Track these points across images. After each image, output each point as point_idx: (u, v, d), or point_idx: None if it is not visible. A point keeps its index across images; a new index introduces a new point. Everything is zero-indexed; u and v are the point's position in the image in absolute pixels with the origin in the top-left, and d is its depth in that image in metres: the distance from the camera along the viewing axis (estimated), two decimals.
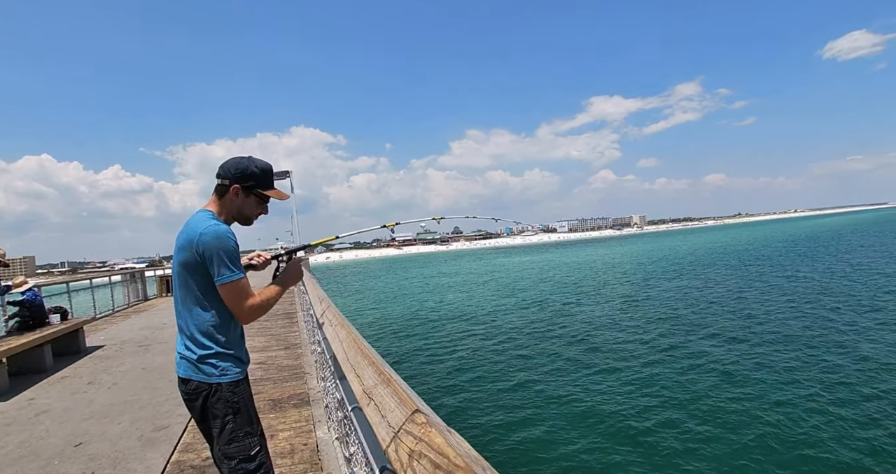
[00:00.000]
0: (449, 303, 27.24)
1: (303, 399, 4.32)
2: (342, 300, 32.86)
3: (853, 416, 8.32)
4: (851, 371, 10.48)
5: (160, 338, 7.84)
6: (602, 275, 36.71)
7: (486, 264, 65.54)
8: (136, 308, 12.67)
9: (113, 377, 5.48)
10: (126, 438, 3.61)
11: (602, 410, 9.47)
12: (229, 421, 1.79)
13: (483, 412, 9.98)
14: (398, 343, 17.48)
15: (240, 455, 1.78)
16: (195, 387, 1.80)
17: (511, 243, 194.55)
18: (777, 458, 7.28)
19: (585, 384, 11.10)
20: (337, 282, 53.22)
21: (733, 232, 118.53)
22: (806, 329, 14.48)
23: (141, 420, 4.00)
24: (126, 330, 8.95)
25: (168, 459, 3.21)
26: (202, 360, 1.79)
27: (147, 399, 4.59)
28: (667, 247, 71.04)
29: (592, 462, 7.60)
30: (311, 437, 3.42)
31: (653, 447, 7.92)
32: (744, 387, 10.02)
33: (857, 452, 7.25)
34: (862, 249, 39.63)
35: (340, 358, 1.95)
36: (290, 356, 6.04)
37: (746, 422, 8.44)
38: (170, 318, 10.16)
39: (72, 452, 3.38)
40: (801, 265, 31.93)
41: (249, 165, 1.87)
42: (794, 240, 59.15)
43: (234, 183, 1.85)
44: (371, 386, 1.29)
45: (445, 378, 12.54)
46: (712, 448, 7.71)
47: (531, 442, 8.45)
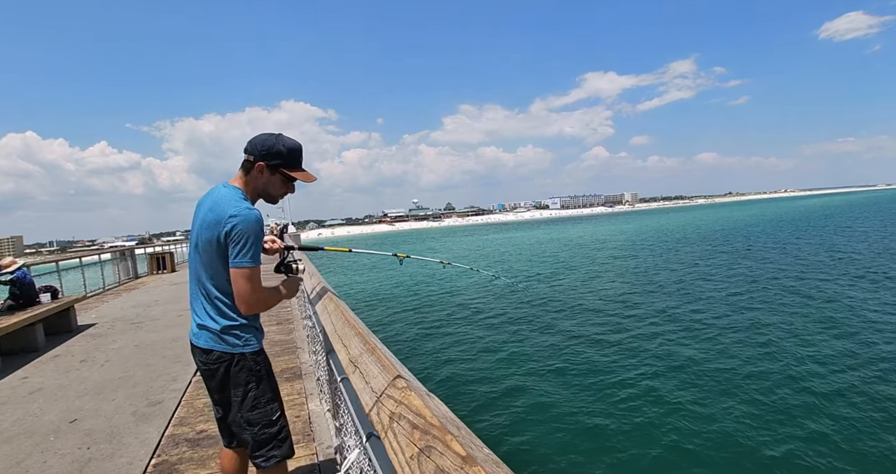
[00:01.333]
0: (439, 278, 27.42)
1: (295, 372, 4.39)
2: (333, 276, 32.94)
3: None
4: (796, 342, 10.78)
5: (152, 316, 7.86)
6: (591, 253, 37.00)
7: (477, 240, 65.68)
8: (126, 286, 12.67)
9: (105, 354, 5.52)
10: (120, 414, 3.66)
11: (582, 379, 9.68)
12: (252, 388, 1.86)
13: (468, 380, 10.20)
14: (384, 316, 17.66)
15: (263, 420, 1.86)
16: (217, 358, 1.83)
17: (503, 219, 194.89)
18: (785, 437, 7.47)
19: (569, 355, 11.32)
20: (328, 257, 53.17)
21: (724, 210, 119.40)
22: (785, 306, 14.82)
23: (135, 396, 4.05)
24: (117, 308, 8.96)
25: (163, 433, 3.27)
26: (226, 331, 1.82)
27: (140, 375, 4.64)
28: (657, 225, 71.44)
29: (570, 427, 7.80)
30: (304, 410, 3.49)
31: (632, 411, 8.16)
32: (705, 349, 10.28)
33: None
34: (849, 230, 40.05)
35: (329, 331, 2.00)
36: (283, 331, 6.11)
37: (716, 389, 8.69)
38: (161, 295, 10.18)
39: (67, 428, 3.43)
40: (785, 244, 32.32)
41: (276, 143, 1.84)
42: (783, 220, 59.68)
43: (260, 160, 1.83)
44: (356, 355, 1.33)
45: (432, 348, 12.74)
46: (702, 414, 7.95)
47: (513, 408, 8.68)
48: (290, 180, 1.92)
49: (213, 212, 1.75)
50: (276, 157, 1.83)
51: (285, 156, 1.85)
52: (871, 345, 10.43)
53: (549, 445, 7.45)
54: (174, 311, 8.07)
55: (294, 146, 1.88)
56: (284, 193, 1.96)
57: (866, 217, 54.59)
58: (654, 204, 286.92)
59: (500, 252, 43.78)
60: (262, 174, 1.85)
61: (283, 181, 1.91)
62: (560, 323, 14.49)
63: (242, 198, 1.81)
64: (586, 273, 25.25)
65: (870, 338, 10.90)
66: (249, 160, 1.84)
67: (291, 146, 1.87)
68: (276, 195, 1.93)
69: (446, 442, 0.73)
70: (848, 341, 10.85)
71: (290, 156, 1.87)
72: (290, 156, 1.87)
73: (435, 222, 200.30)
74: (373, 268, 36.47)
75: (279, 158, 1.84)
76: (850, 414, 7.60)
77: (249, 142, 1.86)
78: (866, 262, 21.19)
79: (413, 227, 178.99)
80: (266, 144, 1.83)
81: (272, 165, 1.84)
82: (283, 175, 1.88)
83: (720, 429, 7.48)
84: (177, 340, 5.97)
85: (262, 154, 1.82)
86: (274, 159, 1.83)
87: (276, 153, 1.83)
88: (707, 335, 12.13)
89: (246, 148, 1.86)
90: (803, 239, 34.11)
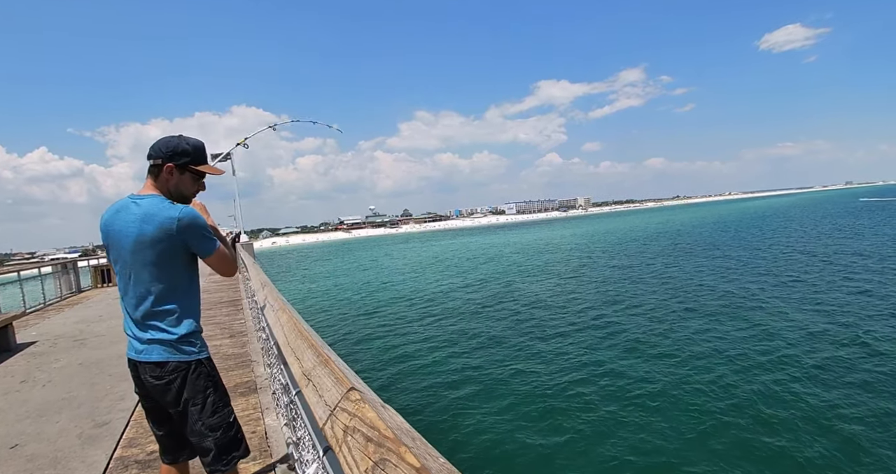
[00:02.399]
0: (395, 285, 27.31)
1: (250, 387, 4.28)
2: (287, 285, 32.25)
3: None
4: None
5: (96, 332, 7.51)
6: (545, 256, 37.75)
7: (434, 246, 65.85)
8: (69, 301, 12.07)
9: (48, 374, 5.24)
10: (65, 437, 3.49)
11: (540, 387, 9.85)
12: (210, 394, 1.88)
13: (426, 388, 10.27)
14: (342, 326, 17.48)
15: (223, 424, 1.90)
16: (174, 368, 1.83)
17: (460, 225, 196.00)
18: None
19: (521, 359, 11.53)
20: (282, 267, 52.04)
21: (671, 213, 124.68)
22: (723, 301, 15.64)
23: (80, 417, 3.87)
24: (59, 324, 8.53)
25: (111, 455, 3.14)
26: (182, 340, 1.84)
27: (85, 395, 4.43)
28: (608, 228, 73.77)
29: (529, 437, 7.94)
30: (260, 425, 3.41)
31: (586, 411, 8.39)
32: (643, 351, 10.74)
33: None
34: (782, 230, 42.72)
35: (282, 343, 1.97)
36: (236, 344, 5.93)
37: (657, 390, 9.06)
38: (106, 310, 9.69)
39: (7, 455, 3.25)
40: (726, 244, 34.12)
41: (180, 143, 1.88)
42: (726, 222, 63.09)
43: (168, 161, 1.85)
44: (310, 368, 1.31)
45: (390, 358, 12.73)
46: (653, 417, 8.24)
47: (472, 414, 8.78)
48: (199, 177, 1.96)
49: (150, 224, 1.76)
50: (182, 156, 1.88)
51: (191, 154, 1.90)
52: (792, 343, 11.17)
53: (507, 450, 7.54)
54: (120, 327, 7.61)
55: (197, 144, 1.94)
56: (196, 191, 2.00)
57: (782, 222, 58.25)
58: (606, 208, 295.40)
59: (456, 257, 44.00)
60: (172, 175, 1.88)
61: (193, 179, 1.95)
62: (522, 329, 14.69)
63: (170, 202, 1.84)
64: (543, 275, 25.80)
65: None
66: (157, 163, 1.86)
67: (195, 144, 1.93)
68: (189, 194, 1.97)
69: (400, 454, 0.73)
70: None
71: (196, 153, 1.92)
72: (196, 153, 1.92)
73: (392, 229, 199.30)
74: (329, 276, 35.91)
75: (186, 156, 1.88)
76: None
77: (152, 147, 1.88)
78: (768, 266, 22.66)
79: (370, 234, 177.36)
80: (170, 145, 1.87)
81: (181, 165, 1.88)
82: (192, 172, 1.92)
83: (660, 427, 7.81)
84: (123, 357, 5.60)
85: (168, 155, 1.86)
86: (181, 158, 1.87)
87: (182, 152, 1.87)
88: (648, 328, 12.60)
89: (150, 154, 1.88)
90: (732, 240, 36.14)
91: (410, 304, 20.39)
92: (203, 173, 1.95)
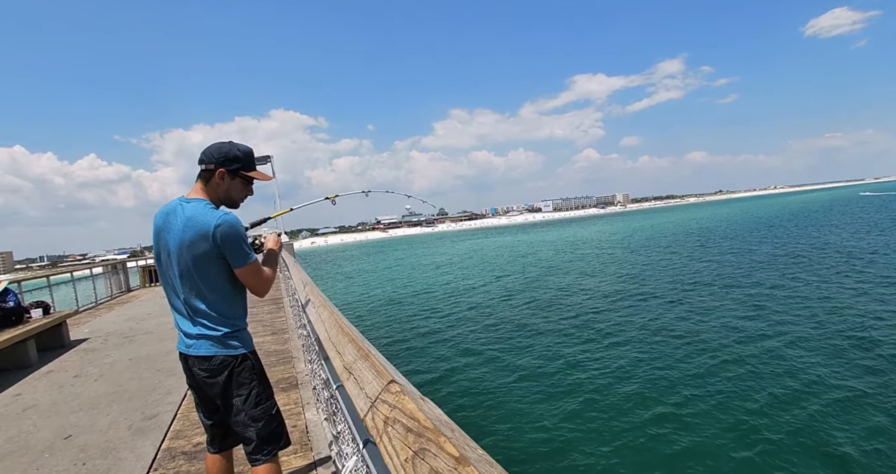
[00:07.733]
0: (434, 283, 27.40)
1: (291, 382, 4.37)
2: (327, 284, 32.85)
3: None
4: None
5: (145, 329, 7.80)
6: (587, 254, 37.13)
7: (472, 245, 65.72)
8: (119, 299, 12.57)
9: (99, 369, 5.47)
10: (115, 428, 3.63)
11: (576, 383, 9.69)
12: (254, 386, 1.96)
13: (464, 383, 10.25)
14: (382, 323, 17.64)
15: (266, 415, 1.97)
16: (220, 362, 1.91)
17: (496, 223, 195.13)
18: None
19: (566, 357, 11.36)
20: (322, 267, 53.05)
21: (715, 209, 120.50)
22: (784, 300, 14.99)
23: (129, 410, 4.02)
24: (110, 322, 8.89)
25: (159, 447, 3.25)
26: (228, 336, 1.92)
27: (135, 389, 4.60)
28: (649, 225, 71.89)
29: (565, 431, 7.81)
30: (301, 419, 3.48)
31: (626, 416, 8.18)
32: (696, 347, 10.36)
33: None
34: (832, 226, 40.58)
35: (323, 339, 2.01)
36: (278, 341, 6.07)
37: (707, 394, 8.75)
38: (154, 309, 10.10)
39: (62, 445, 3.40)
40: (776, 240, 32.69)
41: (232, 149, 1.95)
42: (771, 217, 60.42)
43: (219, 167, 1.92)
44: (351, 362, 1.34)
45: (429, 352, 12.77)
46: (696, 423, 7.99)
47: (510, 409, 8.72)
48: (248, 182, 2.02)
49: (191, 230, 1.82)
50: (234, 162, 1.94)
51: (242, 160, 1.96)
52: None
53: (544, 444, 7.47)
54: (167, 324, 8.01)
55: (247, 150, 2.00)
56: (245, 196, 2.06)
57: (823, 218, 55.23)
58: (645, 204, 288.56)
59: (494, 255, 43.83)
60: (223, 180, 1.94)
61: (244, 184, 2.01)
62: (557, 326, 14.52)
63: (212, 208, 1.89)
64: (580, 274, 25.36)
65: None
66: (209, 168, 1.92)
67: (245, 150, 1.99)
68: (238, 199, 2.03)
69: (440, 444, 0.74)
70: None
71: (246, 158, 1.98)
72: (246, 158, 1.98)
73: (428, 228, 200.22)
74: (368, 273, 36.38)
75: (237, 162, 1.94)
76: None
77: (204, 153, 1.94)
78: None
79: (406, 234, 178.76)
80: (222, 151, 1.93)
81: (232, 170, 1.94)
82: (243, 177, 1.98)
83: (717, 431, 7.54)
84: (171, 353, 5.92)
85: (220, 161, 1.91)
86: (233, 164, 1.93)
87: (234, 158, 1.94)
88: (693, 334, 12.22)
89: (201, 158, 1.94)
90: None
91: (453, 303, 20.40)
92: (252, 178, 2.02)
